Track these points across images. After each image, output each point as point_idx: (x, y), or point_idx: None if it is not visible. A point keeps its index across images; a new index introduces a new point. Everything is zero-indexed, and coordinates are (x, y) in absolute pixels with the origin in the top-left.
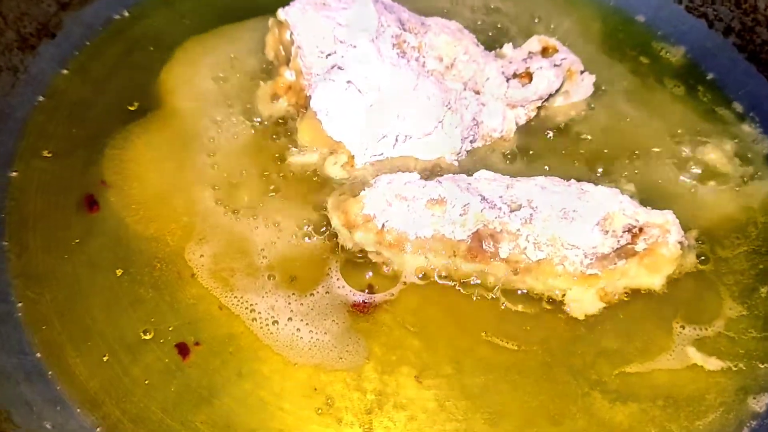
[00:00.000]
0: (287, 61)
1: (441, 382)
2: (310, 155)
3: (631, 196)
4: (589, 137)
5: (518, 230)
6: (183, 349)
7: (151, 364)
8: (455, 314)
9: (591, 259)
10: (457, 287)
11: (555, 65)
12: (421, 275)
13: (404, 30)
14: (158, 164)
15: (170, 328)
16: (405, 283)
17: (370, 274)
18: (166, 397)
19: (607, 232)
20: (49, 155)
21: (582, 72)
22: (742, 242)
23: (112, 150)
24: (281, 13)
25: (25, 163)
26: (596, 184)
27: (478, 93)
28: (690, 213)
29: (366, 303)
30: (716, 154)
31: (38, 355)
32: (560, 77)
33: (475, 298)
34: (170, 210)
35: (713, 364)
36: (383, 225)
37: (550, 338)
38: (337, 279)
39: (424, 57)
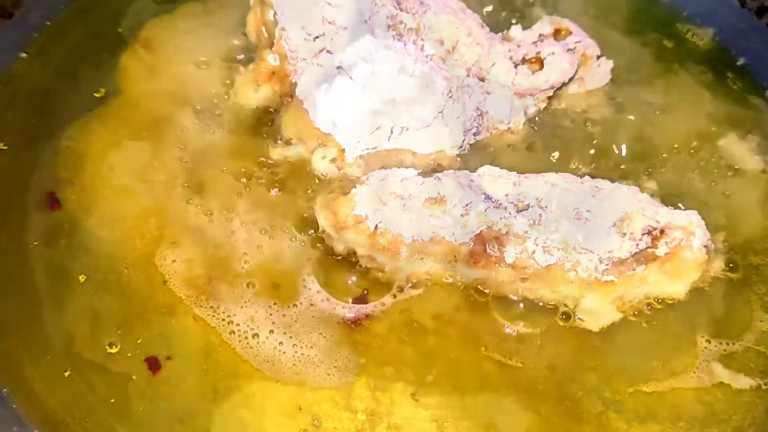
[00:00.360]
0: (270, 44)
1: (440, 400)
2: (295, 149)
3: (652, 195)
4: (605, 129)
5: (526, 232)
6: (153, 364)
7: (118, 380)
8: (455, 325)
9: (607, 265)
10: (457, 295)
11: (568, 49)
12: (416, 282)
13: (401, 10)
14: (124, 158)
15: (139, 341)
16: (400, 290)
17: (359, 280)
18: (134, 417)
19: (624, 234)
20: (5, 148)
21: (598, 57)
22: None
23: (75, 142)
24: None
25: None
26: (613, 181)
27: (482, 80)
28: (717, 213)
29: (357, 313)
30: (747, 147)
31: None
32: (574, 63)
33: (477, 308)
34: (138, 210)
35: (742, 381)
36: (376, 226)
37: (561, 352)
38: (325, 287)
39: (422, 40)
